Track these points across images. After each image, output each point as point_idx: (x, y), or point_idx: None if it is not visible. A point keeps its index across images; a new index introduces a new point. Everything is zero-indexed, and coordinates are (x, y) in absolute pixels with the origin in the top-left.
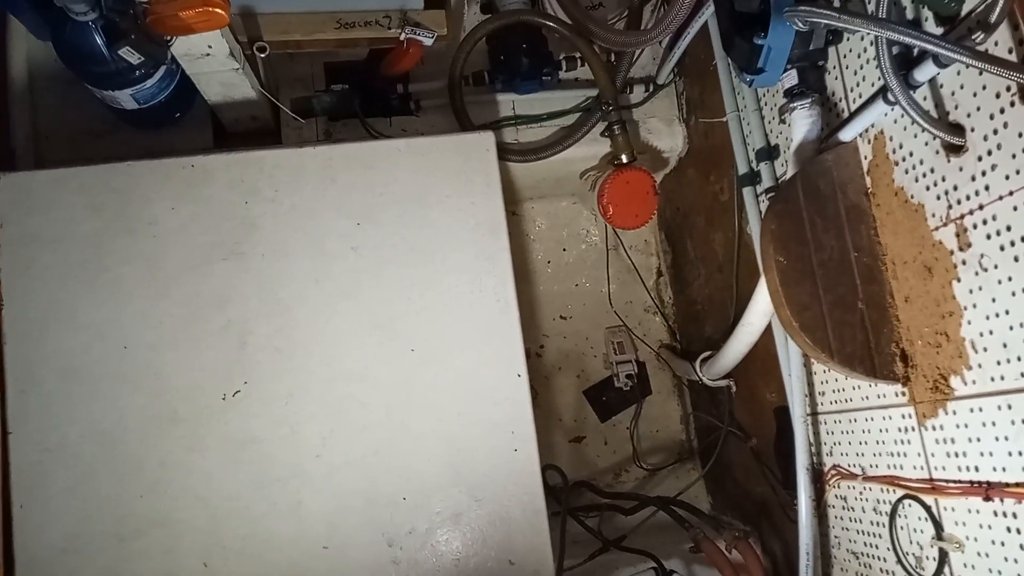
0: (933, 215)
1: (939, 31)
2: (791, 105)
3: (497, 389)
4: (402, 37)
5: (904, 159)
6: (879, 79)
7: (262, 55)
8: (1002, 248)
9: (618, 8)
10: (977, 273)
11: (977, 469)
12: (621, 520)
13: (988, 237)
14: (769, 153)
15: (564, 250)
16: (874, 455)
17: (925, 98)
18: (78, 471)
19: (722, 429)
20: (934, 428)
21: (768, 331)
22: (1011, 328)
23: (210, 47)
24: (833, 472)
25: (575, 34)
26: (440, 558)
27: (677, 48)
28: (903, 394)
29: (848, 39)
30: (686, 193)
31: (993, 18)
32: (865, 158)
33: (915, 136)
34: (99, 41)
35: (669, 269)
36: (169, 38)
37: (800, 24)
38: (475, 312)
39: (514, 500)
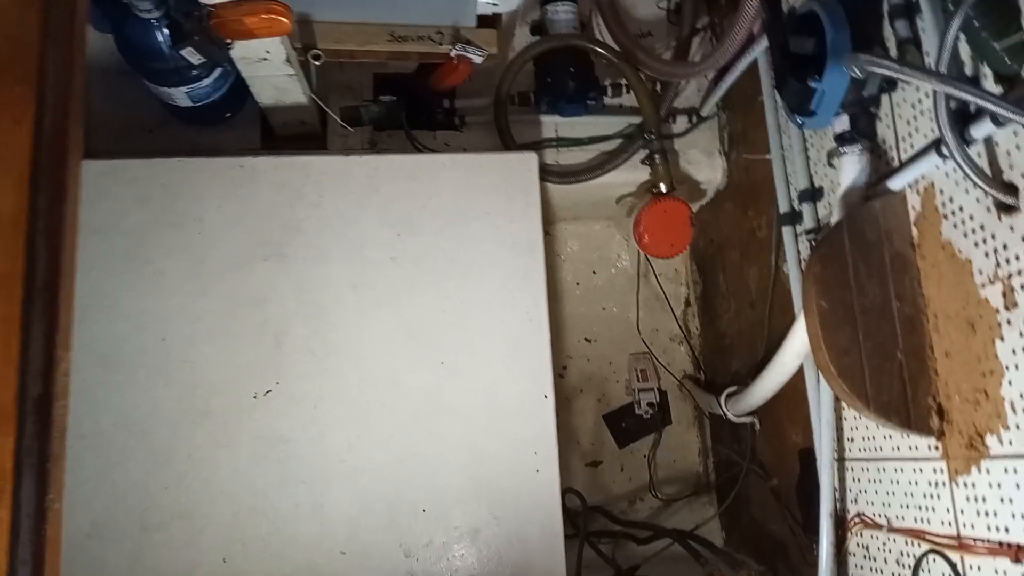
0: (980, 272)
1: (998, 90)
2: (841, 150)
3: (523, 408)
4: (453, 54)
5: (954, 213)
6: (933, 131)
7: (316, 63)
8: None
9: (666, 38)
10: (1022, 334)
11: (1007, 530)
12: (633, 549)
13: None
14: (813, 194)
15: (594, 273)
16: (901, 506)
17: (979, 155)
18: (109, 459)
19: (743, 466)
20: (966, 485)
21: (799, 372)
22: None
23: (268, 52)
24: (857, 520)
25: (622, 61)
26: (455, 572)
27: (724, 82)
28: (936, 448)
29: (903, 89)
30: (722, 226)
31: None
32: (913, 209)
33: (966, 192)
34: (161, 39)
35: (698, 300)
36: (230, 41)
37: (858, 72)
38: (507, 329)
39: (532, 521)
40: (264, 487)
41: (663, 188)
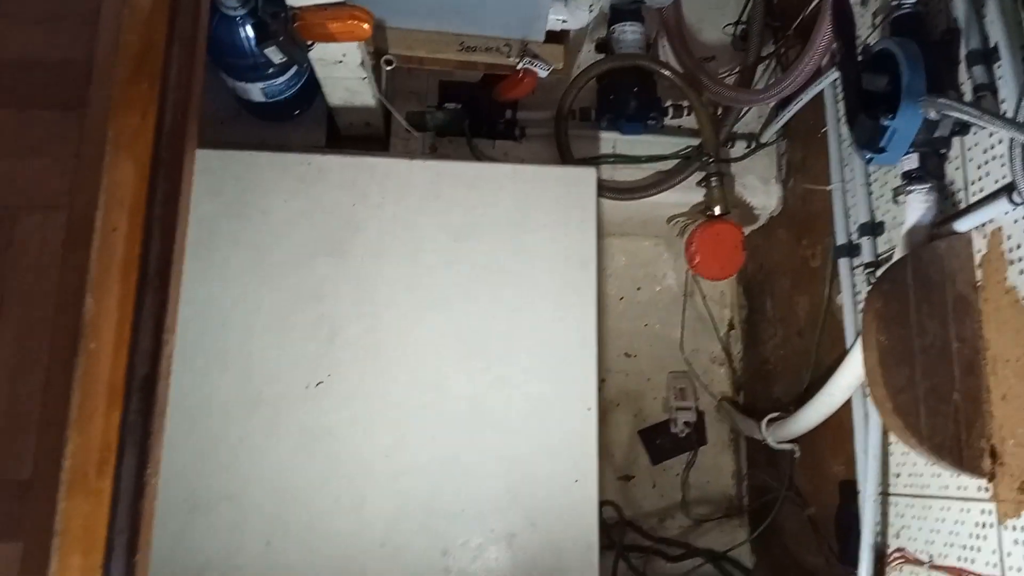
0: None
1: None
2: (908, 188)
3: (566, 419)
4: (520, 67)
5: (1020, 259)
6: (1004, 177)
7: (388, 68)
8: None
9: (730, 63)
10: None
11: None
12: (662, 566)
13: None
14: (873, 229)
15: (638, 289)
16: (945, 545)
17: None
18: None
19: (779, 492)
20: (1014, 528)
21: (845, 405)
22: None
23: (344, 55)
24: (898, 555)
25: (686, 84)
26: (489, 573)
27: (786, 111)
28: (986, 490)
29: (975, 132)
30: (773, 252)
31: None
32: (978, 252)
33: None
34: (245, 36)
35: (743, 324)
36: (310, 43)
37: (933, 114)
38: (555, 341)
39: (569, 530)
40: (309, 477)
41: (717, 211)
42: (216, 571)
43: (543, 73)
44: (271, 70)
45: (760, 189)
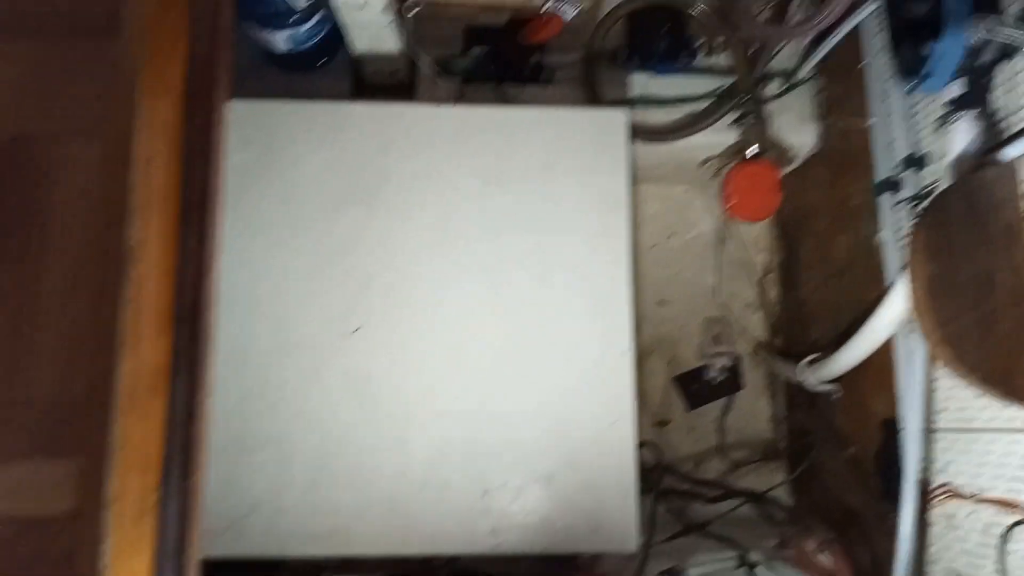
0: None
1: None
2: (952, 116)
3: (601, 361)
4: (546, 8)
5: None
6: None
7: (411, 12)
8: None
9: None
10: None
11: None
12: (699, 508)
13: None
14: (915, 162)
15: (671, 236)
16: (992, 477)
17: None
18: None
19: (818, 433)
20: None
21: (888, 342)
22: None
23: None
24: (943, 490)
25: (718, 20)
26: (529, 514)
27: (823, 46)
28: None
29: (1019, 57)
30: (810, 193)
31: None
32: (1022, 181)
33: None
34: None
35: (779, 268)
36: None
37: (978, 36)
38: (589, 284)
39: (607, 471)
40: (351, 420)
41: (752, 151)
42: (264, 511)
43: (570, 14)
44: (295, 17)
45: (797, 128)
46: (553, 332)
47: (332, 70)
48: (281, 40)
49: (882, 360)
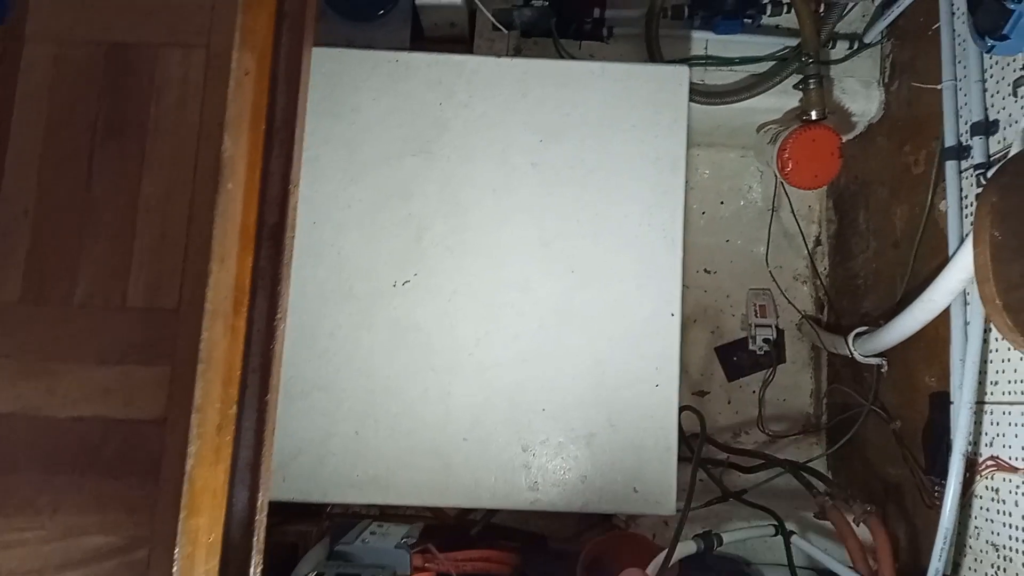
0: None
1: None
2: None
3: (649, 323)
4: None
5: None
6: None
7: None
8: None
9: None
10: None
11: None
12: (737, 477)
13: None
14: (987, 128)
15: (722, 203)
16: None
17: None
18: None
19: (863, 407)
20: None
21: (941, 316)
22: None
23: None
24: (991, 463)
25: None
26: (568, 472)
27: (895, 7)
28: None
29: None
30: (870, 162)
31: None
32: None
33: None
34: None
35: (831, 239)
36: None
37: None
38: (641, 244)
39: (648, 433)
40: (397, 370)
41: (814, 116)
42: (310, 455)
43: None
44: None
45: (861, 93)
46: (602, 291)
47: (391, 21)
48: None
49: (933, 333)
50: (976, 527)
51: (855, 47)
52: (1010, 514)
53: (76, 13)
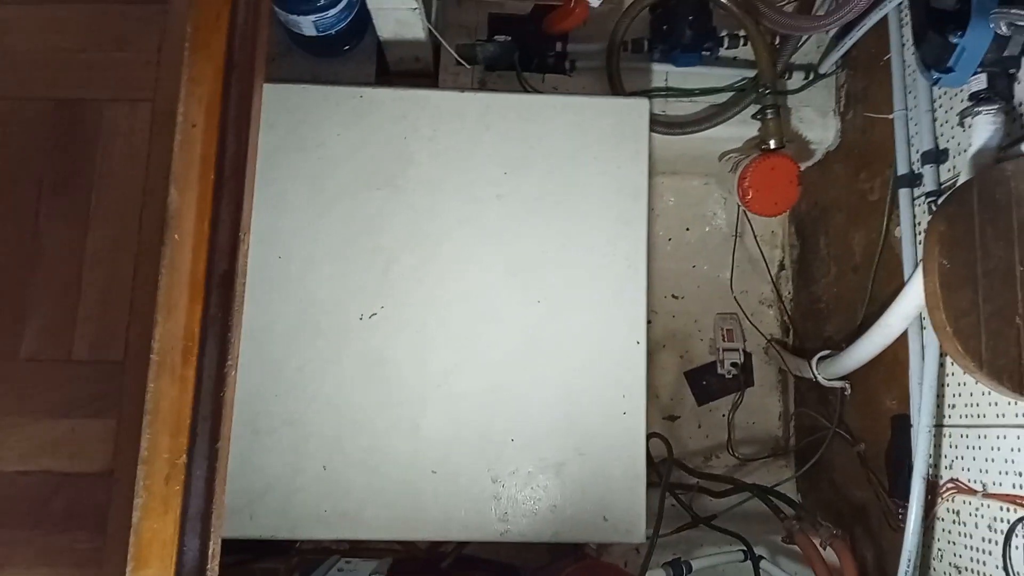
0: None
1: None
2: (976, 109)
3: (615, 352)
4: None
5: None
6: None
7: None
8: None
9: None
10: None
11: None
12: (708, 502)
13: None
14: (936, 156)
15: (687, 229)
16: (1000, 473)
17: None
18: None
19: (829, 430)
20: None
21: (900, 339)
22: None
23: None
24: (950, 485)
25: (743, 11)
26: (538, 501)
27: (848, 39)
28: None
29: None
30: (828, 188)
31: None
32: None
33: None
34: None
35: (794, 263)
36: None
37: (1004, 28)
38: (605, 273)
39: (617, 461)
40: (365, 404)
41: (772, 144)
42: (278, 492)
43: (595, 3)
44: (323, 1)
45: (817, 122)
46: (569, 320)
47: (357, 56)
48: (308, 24)
49: (893, 356)
50: (939, 549)
51: (810, 77)
52: (971, 536)
53: (23, 70)
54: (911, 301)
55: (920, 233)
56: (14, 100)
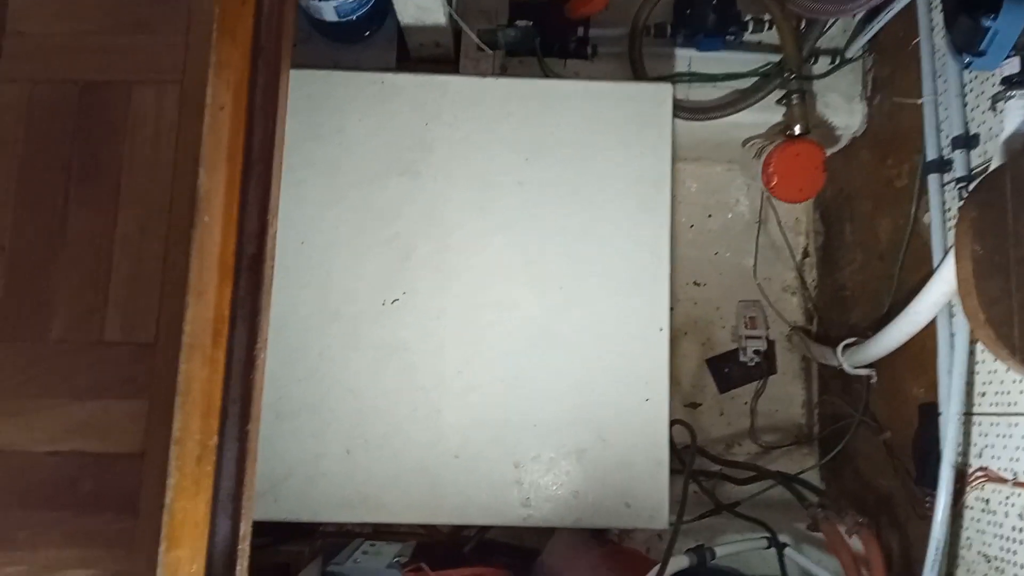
0: None
1: None
2: (1009, 93)
3: (637, 339)
4: None
5: None
6: None
7: None
8: None
9: None
10: None
11: None
12: (730, 489)
13: None
14: (967, 141)
15: (709, 216)
16: None
17: None
18: None
19: (854, 418)
20: None
21: (928, 327)
22: None
23: None
24: (980, 474)
25: None
26: (560, 487)
27: (875, 22)
28: None
29: None
30: (854, 175)
31: None
32: None
33: None
34: None
35: (818, 251)
36: None
37: None
38: (628, 260)
39: (639, 447)
40: (386, 389)
41: (797, 130)
42: (300, 475)
43: None
44: None
45: (843, 107)
46: (590, 307)
47: (377, 42)
48: (329, 10)
49: (921, 344)
50: (968, 538)
51: (837, 62)
52: (1001, 525)
53: (50, 53)
54: (941, 288)
55: (950, 220)
56: (41, 83)
